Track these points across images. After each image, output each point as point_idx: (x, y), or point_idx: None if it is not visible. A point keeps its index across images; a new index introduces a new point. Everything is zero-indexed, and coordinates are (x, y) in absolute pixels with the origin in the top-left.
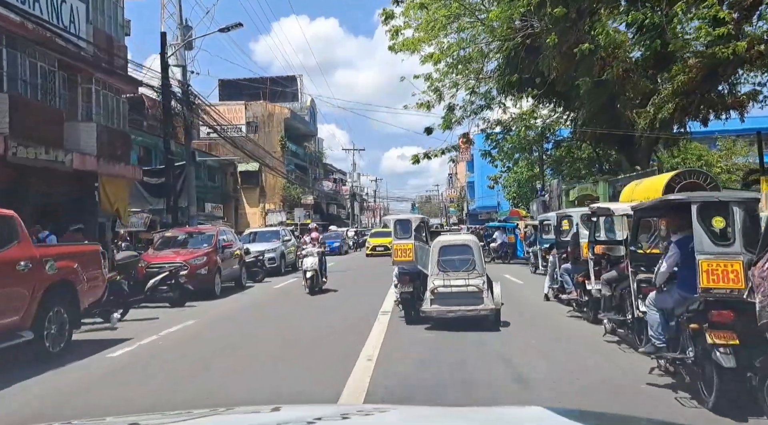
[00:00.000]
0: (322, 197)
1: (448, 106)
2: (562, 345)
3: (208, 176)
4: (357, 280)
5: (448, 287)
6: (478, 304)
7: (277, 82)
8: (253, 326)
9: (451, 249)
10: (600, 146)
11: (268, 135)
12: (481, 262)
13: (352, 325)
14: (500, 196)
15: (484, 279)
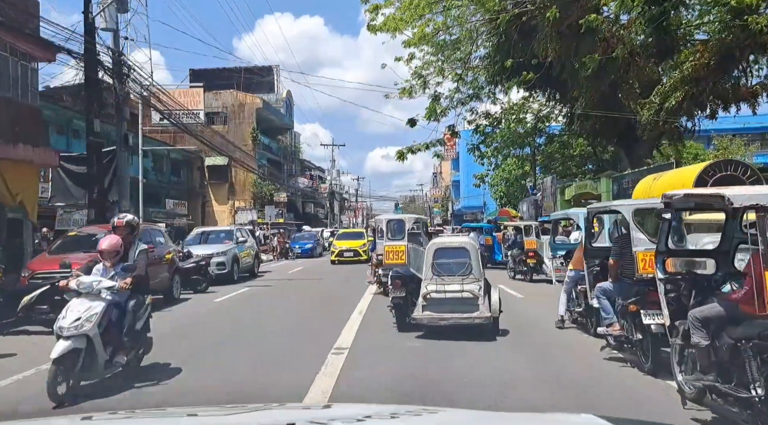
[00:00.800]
0: (297, 195)
1: (434, 95)
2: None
3: (171, 169)
4: (315, 299)
5: (441, 292)
6: (473, 311)
7: (253, 73)
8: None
9: (447, 252)
10: (597, 140)
11: (238, 127)
12: (479, 266)
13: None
14: (487, 195)
15: (480, 285)
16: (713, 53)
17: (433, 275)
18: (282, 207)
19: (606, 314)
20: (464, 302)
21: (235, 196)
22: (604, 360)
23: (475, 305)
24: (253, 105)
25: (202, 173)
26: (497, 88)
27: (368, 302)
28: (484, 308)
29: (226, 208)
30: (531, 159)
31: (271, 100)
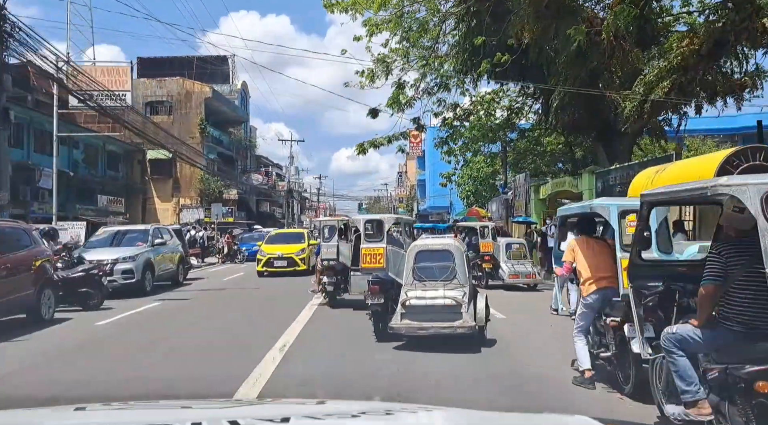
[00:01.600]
0: (250, 192)
1: (398, 83)
2: None
3: (107, 163)
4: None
5: (421, 299)
6: (455, 320)
7: (207, 62)
8: None
9: (429, 255)
10: (573, 135)
11: (185, 117)
12: (464, 271)
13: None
14: (454, 195)
15: (465, 291)
16: (705, 39)
17: (414, 281)
18: (232, 205)
19: (685, 384)
20: (446, 309)
21: (180, 193)
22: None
23: (458, 314)
24: (202, 94)
25: (144, 167)
26: (467, 78)
27: (308, 318)
28: (468, 317)
29: (170, 206)
30: (502, 156)
31: (225, 92)
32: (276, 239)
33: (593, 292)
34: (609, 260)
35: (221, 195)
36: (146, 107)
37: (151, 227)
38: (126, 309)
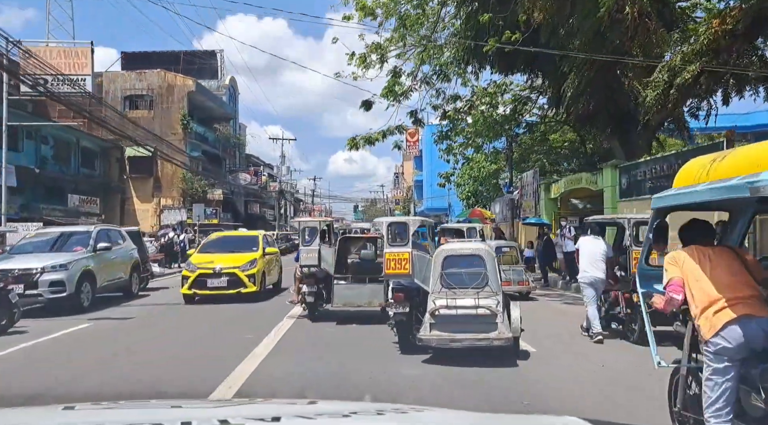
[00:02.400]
0: (237, 193)
1: (393, 71)
2: None
3: (81, 160)
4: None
5: (452, 308)
6: (491, 331)
7: (194, 56)
8: None
9: (458, 260)
10: (586, 128)
11: (166, 112)
12: (497, 277)
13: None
14: (453, 196)
15: (499, 300)
16: (741, 17)
17: (442, 288)
18: (216, 206)
19: None
20: (480, 320)
21: (162, 192)
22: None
23: (493, 324)
24: (185, 88)
25: (122, 165)
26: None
27: (279, 337)
28: (504, 328)
29: (151, 206)
30: (507, 152)
31: (213, 87)
32: (215, 245)
33: (723, 328)
34: (742, 276)
35: (205, 195)
36: (125, 101)
37: (95, 229)
38: (42, 333)
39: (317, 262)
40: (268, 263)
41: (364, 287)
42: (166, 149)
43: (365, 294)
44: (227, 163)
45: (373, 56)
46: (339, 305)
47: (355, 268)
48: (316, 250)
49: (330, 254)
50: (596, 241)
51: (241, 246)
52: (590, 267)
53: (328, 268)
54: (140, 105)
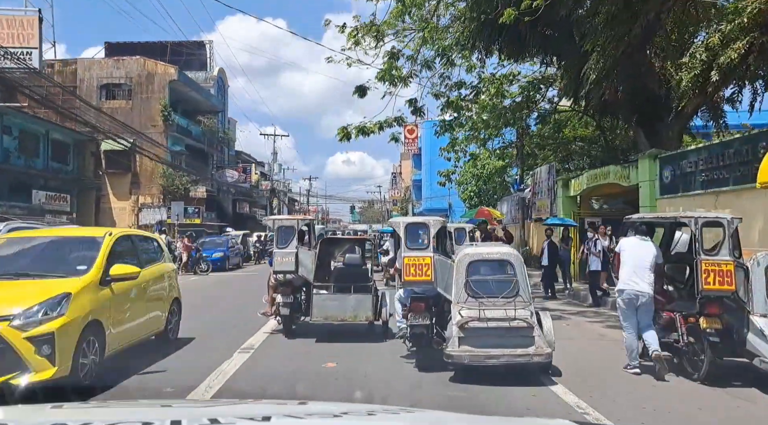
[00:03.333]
0: (225, 191)
1: (390, 52)
2: None
3: (52, 153)
4: None
5: (484, 320)
6: (529, 345)
7: (182, 47)
8: None
9: (484, 266)
10: (608, 118)
11: (146, 102)
12: (527, 285)
13: None
14: (454, 196)
15: (532, 310)
16: None
17: (468, 297)
18: (199, 204)
19: None
20: (516, 333)
21: (140, 189)
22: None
23: (530, 338)
24: (166, 76)
25: (98, 159)
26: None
27: (237, 367)
28: (542, 342)
29: (128, 204)
30: (517, 145)
31: (200, 79)
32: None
33: None
34: None
35: (187, 193)
36: (101, 90)
37: (109, 236)
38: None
39: (294, 268)
40: (122, 300)
41: (349, 298)
42: (145, 143)
43: (350, 306)
44: (214, 159)
45: (367, 39)
46: (319, 318)
47: (339, 275)
48: (292, 254)
49: (309, 259)
50: (644, 243)
51: (50, 262)
52: (634, 278)
53: (307, 275)
54: (118, 95)
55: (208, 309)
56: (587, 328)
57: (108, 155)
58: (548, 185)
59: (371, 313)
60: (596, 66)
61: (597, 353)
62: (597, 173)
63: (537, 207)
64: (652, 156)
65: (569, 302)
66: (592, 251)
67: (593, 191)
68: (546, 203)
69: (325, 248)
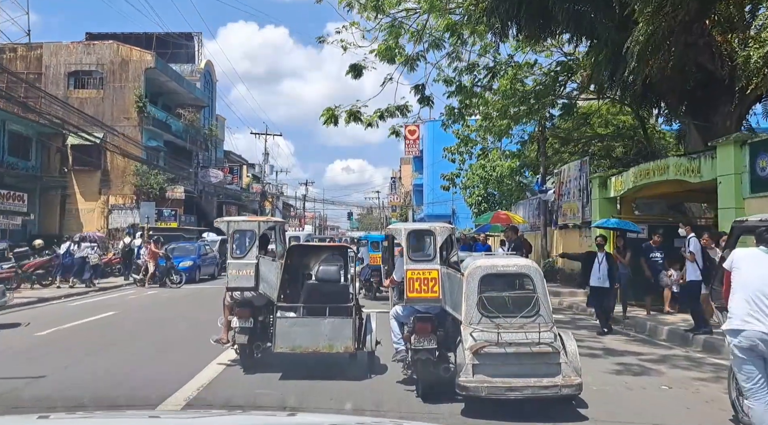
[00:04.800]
0: (209, 192)
1: (391, 24)
2: None
3: (10, 147)
4: None
5: (502, 345)
6: (555, 374)
7: (168, 39)
8: None
9: (499, 281)
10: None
11: (119, 92)
12: (548, 303)
13: None
14: (458, 201)
15: (556, 332)
16: None
17: (481, 317)
18: (176, 206)
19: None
20: (540, 359)
21: (111, 189)
22: None
23: (556, 365)
24: (142, 63)
25: (64, 156)
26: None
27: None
28: (570, 369)
29: (97, 205)
30: (538, 139)
31: (186, 72)
32: None
33: None
34: None
35: (163, 193)
36: (69, 78)
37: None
38: None
39: (253, 283)
40: None
41: (323, 323)
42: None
43: (324, 332)
44: (199, 158)
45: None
46: (284, 348)
47: (311, 293)
48: (252, 265)
49: (273, 272)
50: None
51: None
52: (755, 311)
53: (270, 292)
54: (88, 83)
55: (150, 334)
56: (701, 391)
57: (75, 151)
58: (579, 185)
59: (351, 342)
60: (642, 38)
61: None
62: (650, 167)
63: (563, 212)
64: (737, 142)
65: (635, 338)
66: (690, 253)
67: (639, 192)
68: (575, 206)
69: (295, 258)
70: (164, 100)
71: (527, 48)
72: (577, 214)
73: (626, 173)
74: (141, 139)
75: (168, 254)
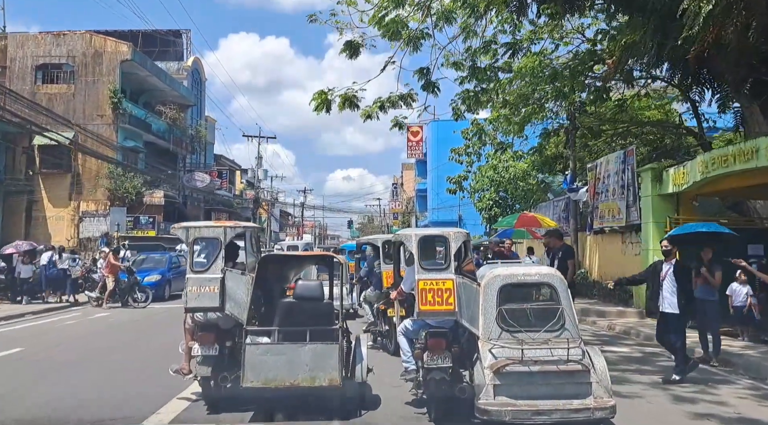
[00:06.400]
0: (195, 197)
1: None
2: None
3: None
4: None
5: (527, 363)
6: (586, 395)
7: (156, 36)
8: None
9: (519, 292)
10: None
11: (92, 87)
12: (574, 316)
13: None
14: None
15: (584, 348)
16: None
17: (501, 332)
18: (156, 213)
19: None
20: (568, 379)
21: (83, 195)
22: None
23: (586, 385)
24: (117, 55)
25: (31, 158)
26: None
27: None
28: (601, 390)
29: (67, 213)
30: (568, 128)
31: (172, 70)
32: None
33: None
34: None
35: (140, 198)
36: (36, 71)
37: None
38: None
39: (219, 303)
40: None
41: (303, 350)
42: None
43: (304, 362)
44: (185, 162)
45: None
46: (255, 381)
47: (288, 313)
48: (216, 281)
49: (243, 288)
50: None
51: None
52: None
53: (239, 313)
54: (57, 77)
55: (97, 367)
56: None
57: (43, 152)
58: (621, 181)
59: (338, 373)
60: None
61: None
62: (729, 153)
63: (600, 213)
64: None
65: (753, 388)
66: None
67: (704, 187)
68: (616, 206)
69: (270, 272)
70: (146, 99)
71: (545, 35)
72: (618, 215)
73: (691, 162)
74: (116, 138)
75: (131, 268)
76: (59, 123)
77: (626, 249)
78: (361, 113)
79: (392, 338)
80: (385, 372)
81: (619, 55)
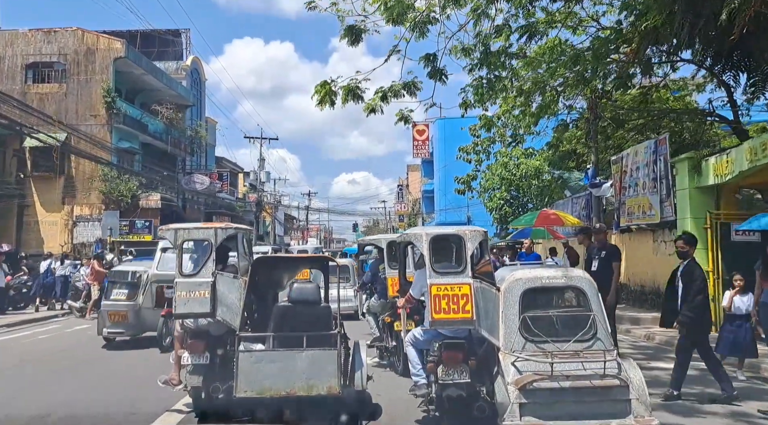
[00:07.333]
0: (195, 201)
1: None
2: None
3: None
4: None
5: (556, 378)
6: (625, 414)
7: (154, 35)
8: None
9: (544, 297)
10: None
11: (84, 86)
12: (606, 323)
13: None
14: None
15: (619, 361)
16: None
17: (525, 342)
18: (152, 216)
19: None
20: (604, 396)
21: (76, 198)
22: None
23: (623, 402)
24: (111, 52)
25: (22, 160)
26: None
27: None
28: (641, 407)
29: (60, 217)
30: (589, 118)
31: (171, 69)
32: None
33: None
34: None
35: (135, 201)
36: (27, 70)
37: None
38: None
39: (209, 308)
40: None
41: (299, 357)
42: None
43: (300, 369)
44: (185, 163)
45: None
46: (249, 391)
47: (283, 319)
48: (207, 285)
49: (235, 293)
50: None
51: None
52: None
53: (231, 319)
54: (49, 76)
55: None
56: None
57: (35, 154)
58: (653, 173)
59: (336, 380)
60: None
61: None
62: None
63: (627, 209)
64: None
65: None
66: None
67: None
68: (646, 201)
69: (263, 275)
70: (143, 99)
71: (558, 24)
72: (650, 211)
73: (736, 149)
74: (111, 139)
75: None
76: (51, 124)
77: (658, 249)
78: (365, 106)
79: (400, 355)
80: (390, 385)
81: (639, 41)
